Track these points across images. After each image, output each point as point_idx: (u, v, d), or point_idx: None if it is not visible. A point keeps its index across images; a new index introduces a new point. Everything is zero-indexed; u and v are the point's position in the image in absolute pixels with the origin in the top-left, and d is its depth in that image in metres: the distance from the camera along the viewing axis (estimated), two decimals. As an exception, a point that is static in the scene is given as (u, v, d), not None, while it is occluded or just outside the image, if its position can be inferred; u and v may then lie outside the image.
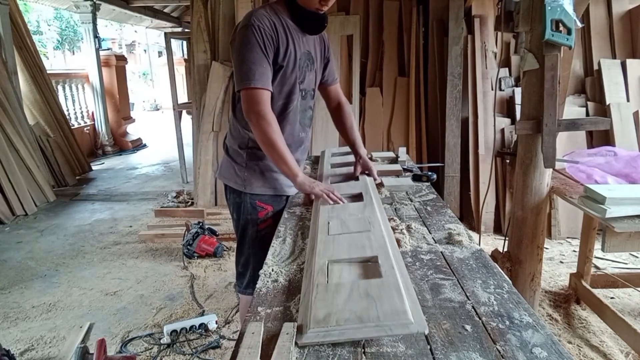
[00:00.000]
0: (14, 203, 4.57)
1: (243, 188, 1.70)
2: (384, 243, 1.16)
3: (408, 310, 0.87)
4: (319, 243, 1.21)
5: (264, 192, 1.72)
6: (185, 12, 9.97)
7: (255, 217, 1.71)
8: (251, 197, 1.71)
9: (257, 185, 1.70)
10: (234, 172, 1.72)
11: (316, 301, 0.92)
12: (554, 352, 0.82)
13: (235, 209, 1.76)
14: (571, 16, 1.98)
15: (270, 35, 1.51)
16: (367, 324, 0.84)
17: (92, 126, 7.68)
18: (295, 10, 1.59)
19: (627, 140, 3.52)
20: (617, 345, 2.29)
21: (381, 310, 0.87)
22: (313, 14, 1.58)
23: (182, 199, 4.83)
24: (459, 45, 3.89)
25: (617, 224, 1.78)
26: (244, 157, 1.70)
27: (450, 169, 4.01)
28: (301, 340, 0.85)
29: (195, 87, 4.52)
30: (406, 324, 0.84)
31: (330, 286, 0.97)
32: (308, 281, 1.04)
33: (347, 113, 1.97)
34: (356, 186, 1.73)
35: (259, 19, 1.51)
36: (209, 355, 2.30)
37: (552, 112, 2.12)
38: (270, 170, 1.71)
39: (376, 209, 1.43)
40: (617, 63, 3.67)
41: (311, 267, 1.09)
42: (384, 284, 0.95)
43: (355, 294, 0.93)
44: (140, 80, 20.07)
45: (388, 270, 1.02)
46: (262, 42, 1.50)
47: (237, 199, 1.73)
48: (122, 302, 2.85)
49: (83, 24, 7.35)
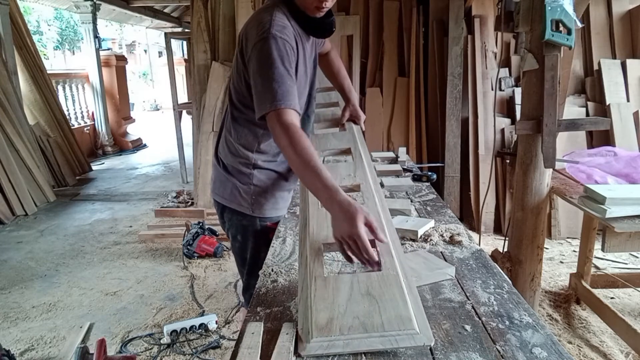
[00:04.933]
0: (14, 203, 4.57)
1: (251, 212, 1.54)
2: (380, 220, 1.11)
3: (412, 316, 0.84)
4: (311, 219, 1.15)
5: (276, 215, 1.58)
6: (185, 12, 9.96)
7: (267, 240, 1.48)
8: (261, 220, 1.56)
9: (267, 208, 1.55)
10: (239, 194, 1.53)
11: (316, 300, 0.89)
12: (553, 352, 0.82)
13: (240, 232, 1.59)
14: (571, 16, 1.98)
15: (292, 47, 1.32)
16: (371, 334, 0.81)
17: (92, 126, 7.68)
18: (298, 15, 1.39)
19: (627, 140, 3.52)
20: (617, 345, 2.29)
21: (385, 316, 0.84)
22: (319, 19, 1.41)
23: (182, 199, 4.83)
24: (459, 45, 3.89)
25: (617, 224, 1.78)
26: (250, 178, 1.52)
27: (450, 169, 4.01)
28: (304, 351, 0.82)
29: (195, 87, 4.52)
30: (412, 334, 0.81)
31: (329, 280, 0.94)
32: (304, 270, 1.00)
33: (332, 57, 1.80)
34: (344, 139, 1.64)
35: (279, 30, 1.30)
36: (209, 355, 2.30)
37: (552, 112, 2.12)
38: (281, 190, 1.57)
39: (367, 170, 1.39)
40: (617, 63, 3.67)
41: (305, 251, 1.05)
42: (385, 279, 0.92)
43: (356, 291, 0.90)
44: (140, 80, 20.06)
45: (387, 259, 0.98)
46: (285, 56, 1.28)
47: (243, 222, 1.57)
48: (122, 302, 2.85)
49: (83, 24, 7.35)
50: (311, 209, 1.20)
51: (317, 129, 1.78)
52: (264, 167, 1.52)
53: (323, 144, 1.64)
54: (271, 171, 1.53)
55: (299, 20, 1.40)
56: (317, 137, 1.68)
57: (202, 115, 4.40)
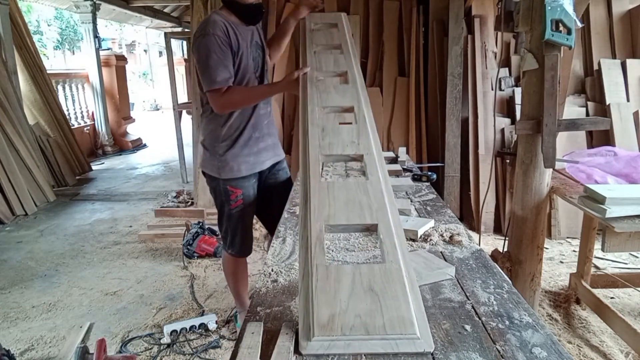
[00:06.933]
0: (14, 203, 4.57)
1: (218, 175, 2.04)
2: (383, 201, 1.10)
3: (414, 318, 0.84)
4: (312, 194, 1.13)
5: (234, 176, 2.03)
6: (185, 12, 9.96)
7: (228, 199, 2.07)
8: (224, 182, 2.05)
9: (227, 170, 2.02)
10: (210, 162, 2.06)
11: (317, 292, 0.88)
12: (553, 352, 0.82)
13: (212, 192, 2.15)
14: (571, 16, 1.98)
15: (226, 41, 1.82)
16: (373, 336, 0.82)
17: (92, 126, 7.68)
18: (234, 7, 1.90)
19: (627, 140, 3.52)
20: (617, 345, 2.29)
21: (387, 317, 0.84)
22: (248, 6, 1.90)
23: (182, 199, 4.83)
24: (459, 45, 3.89)
25: (617, 224, 1.77)
26: (218, 150, 2.02)
27: (450, 169, 4.01)
28: (305, 350, 0.82)
29: (195, 87, 4.51)
30: (413, 339, 0.82)
31: (331, 270, 0.93)
32: (305, 254, 0.98)
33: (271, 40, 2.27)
34: (347, 94, 1.57)
35: (213, 28, 1.81)
36: (209, 355, 2.30)
37: (552, 112, 2.12)
38: (238, 156, 2.02)
39: (370, 136, 1.34)
40: (617, 63, 3.66)
41: (307, 233, 1.02)
42: (387, 273, 0.91)
43: (358, 285, 0.89)
44: (140, 80, 20.05)
45: (390, 250, 0.97)
46: (219, 47, 1.80)
47: (213, 184, 2.10)
48: (122, 302, 2.85)
49: (83, 23, 7.35)
50: (312, 182, 1.16)
51: (320, 75, 1.71)
52: (228, 140, 2.00)
53: (324, 99, 1.55)
54: (232, 142, 2.00)
55: (237, 14, 1.91)
56: (318, 90, 1.60)
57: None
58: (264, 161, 2.11)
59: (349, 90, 1.59)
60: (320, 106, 1.50)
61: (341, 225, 1.05)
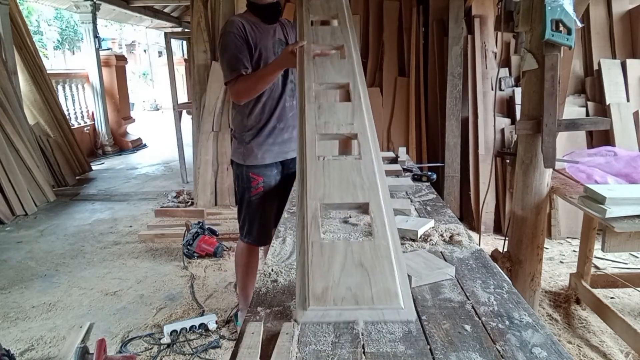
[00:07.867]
0: (14, 203, 4.57)
1: (243, 161, 2.14)
2: (375, 181, 1.16)
3: (399, 291, 0.93)
4: (309, 173, 1.18)
5: (257, 163, 2.13)
6: (185, 12, 9.97)
7: (249, 185, 2.15)
8: (247, 169, 2.14)
9: (252, 157, 2.12)
10: (237, 150, 2.18)
11: (313, 267, 0.96)
12: (553, 352, 0.82)
13: (235, 180, 2.24)
14: (571, 16, 1.98)
15: (241, 37, 1.96)
16: (362, 306, 0.91)
17: (92, 126, 7.68)
18: (252, 8, 2.05)
19: (627, 140, 3.52)
20: (617, 345, 2.29)
21: (375, 289, 0.93)
22: (264, 6, 2.03)
23: (182, 199, 4.83)
24: (459, 45, 3.89)
25: (617, 224, 1.77)
26: (245, 138, 2.13)
27: (450, 169, 4.01)
28: (301, 318, 0.91)
29: (195, 87, 4.52)
30: (397, 310, 0.91)
31: (325, 248, 1.01)
32: (301, 232, 1.06)
33: None
34: (343, 70, 1.57)
35: (230, 27, 1.97)
36: (209, 355, 2.30)
37: (552, 112, 2.12)
38: (262, 144, 2.11)
39: (365, 117, 1.35)
40: (617, 63, 3.66)
41: (303, 211, 1.10)
42: (376, 250, 1.00)
43: (350, 261, 0.98)
44: (140, 80, 20.06)
45: (379, 228, 1.05)
46: (234, 43, 1.94)
47: (237, 171, 2.20)
48: (122, 302, 2.85)
49: (83, 24, 7.35)
50: (309, 162, 1.21)
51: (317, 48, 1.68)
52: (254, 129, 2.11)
53: (320, 74, 1.54)
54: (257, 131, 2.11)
55: (256, 13, 2.05)
56: (315, 65, 1.59)
57: (202, 115, 4.40)
58: (287, 152, 2.18)
59: (345, 66, 1.59)
60: (317, 82, 1.51)
61: (335, 204, 1.14)
